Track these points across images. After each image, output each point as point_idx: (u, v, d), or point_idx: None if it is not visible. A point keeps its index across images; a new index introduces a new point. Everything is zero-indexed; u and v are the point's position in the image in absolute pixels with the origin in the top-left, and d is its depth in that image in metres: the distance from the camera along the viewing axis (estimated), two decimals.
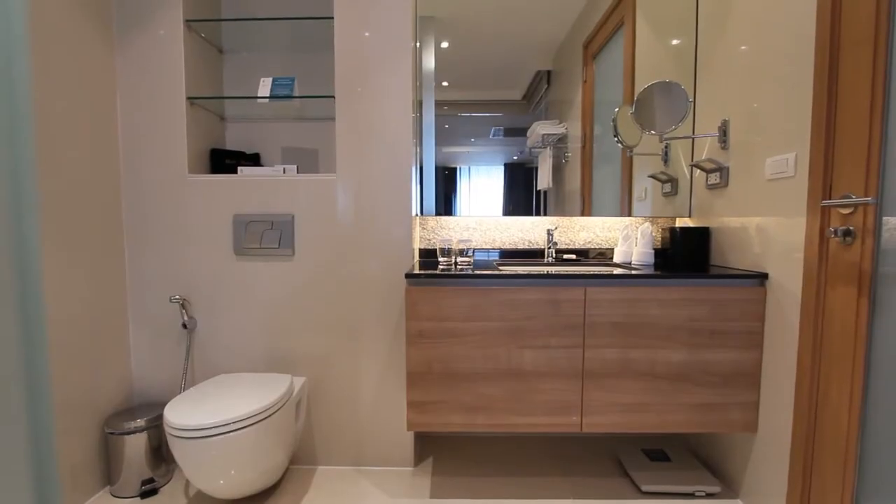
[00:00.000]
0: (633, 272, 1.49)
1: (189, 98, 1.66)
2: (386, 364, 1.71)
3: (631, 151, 1.85)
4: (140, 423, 1.55)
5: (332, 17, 1.62)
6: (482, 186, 1.94)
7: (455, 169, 1.94)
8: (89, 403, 1.53)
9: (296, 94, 1.69)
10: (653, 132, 1.60)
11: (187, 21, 1.64)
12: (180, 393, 1.61)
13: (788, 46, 1.30)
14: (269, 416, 1.38)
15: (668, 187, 1.86)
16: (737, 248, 1.55)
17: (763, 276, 1.40)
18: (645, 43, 1.83)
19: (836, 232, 1.14)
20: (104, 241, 1.60)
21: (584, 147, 1.89)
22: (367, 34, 1.63)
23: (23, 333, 0.20)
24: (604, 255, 1.94)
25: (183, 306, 1.70)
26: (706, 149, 1.72)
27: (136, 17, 1.63)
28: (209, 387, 1.51)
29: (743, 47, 1.50)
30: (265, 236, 1.67)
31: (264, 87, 1.66)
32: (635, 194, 1.88)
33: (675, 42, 1.82)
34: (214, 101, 1.78)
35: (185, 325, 1.68)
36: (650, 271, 1.52)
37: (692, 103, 1.75)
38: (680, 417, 1.43)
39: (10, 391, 0.19)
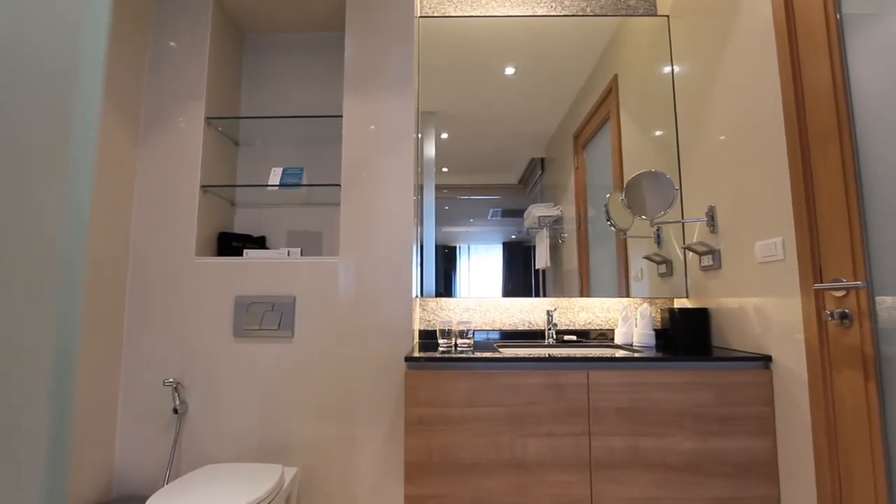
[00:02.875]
0: (636, 354, 1.47)
1: (203, 186, 1.75)
2: (383, 452, 1.63)
3: (624, 234, 1.92)
4: None
5: (342, 116, 1.77)
6: (481, 264, 1.98)
7: (455, 247, 2.00)
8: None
9: (304, 182, 1.79)
10: (643, 217, 1.68)
11: (208, 118, 1.79)
12: (164, 485, 1.51)
13: (762, 138, 1.40)
14: None
15: (663, 268, 1.90)
16: (737, 330, 1.55)
17: (767, 359, 1.38)
18: (630, 134, 1.97)
19: (832, 315, 1.15)
20: (104, 321, 1.60)
21: (579, 228, 1.96)
22: (372, 127, 1.77)
23: (53, 423, 0.21)
24: (605, 336, 1.93)
25: (176, 390, 1.65)
26: (696, 232, 1.78)
27: (162, 114, 1.78)
28: (194, 479, 1.42)
29: (722, 137, 1.62)
30: (265, 318, 1.67)
31: (275, 176, 1.77)
32: (632, 274, 1.91)
33: (657, 133, 1.97)
34: (227, 188, 1.88)
35: (175, 410, 1.63)
36: (652, 353, 1.51)
37: (678, 190, 1.84)
38: None
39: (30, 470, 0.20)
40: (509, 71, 2.04)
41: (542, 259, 1.96)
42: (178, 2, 1.83)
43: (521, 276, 1.98)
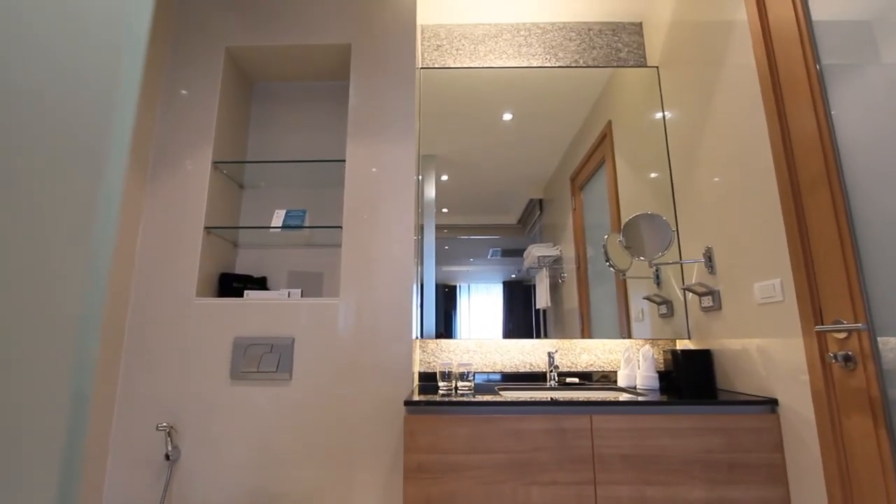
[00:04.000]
0: (640, 398, 1.45)
1: (207, 227, 1.78)
2: (382, 500, 1.57)
3: (623, 275, 1.93)
4: None
5: (344, 160, 1.82)
6: (482, 303, 1.98)
7: (455, 287, 2.00)
8: None
9: (306, 224, 1.82)
10: (642, 258, 1.69)
11: (215, 162, 1.84)
12: None
13: (755, 182, 1.44)
14: None
15: (663, 309, 1.89)
16: (742, 372, 1.53)
17: (773, 402, 1.35)
18: (625, 177, 2.02)
19: (836, 357, 1.14)
20: (102, 364, 1.58)
21: (578, 268, 1.97)
22: (374, 170, 1.82)
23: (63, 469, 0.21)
24: (607, 378, 1.89)
25: (169, 434, 1.61)
26: (695, 273, 1.79)
27: (170, 158, 1.83)
28: None
29: (716, 179, 1.65)
30: (263, 360, 1.65)
31: (277, 218, 1.80)
32: (633, 315, 1.91)
33: (652, 175, 2.02)
34: (230, 230, 1.91)
35: (167, 456, 1.58)
36: (656, 396, 1.48)
37: (675, 232, 1.87)
38: None
39: None
40: (507, 117, 2.12)
41: (542, 299, 1.96)
42: (191, 52, 1.93)
43: (521, 316, 1.97)
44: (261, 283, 1.94)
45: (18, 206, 0.19)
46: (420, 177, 2.04)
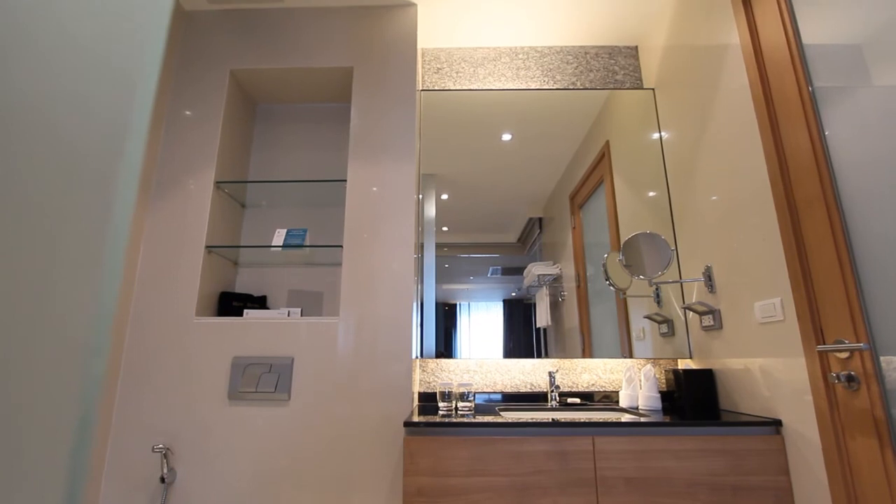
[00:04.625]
0: (642, 419, 1.43)
1: (208, 247, 1.79)
2: None
3: (623, 294, 1.93)
4: None
5: (345, 180, 1.84)
6: (482, 322, 1.97)
7: (455, 305, 1.99)
8: None
9: (307, 243, 1.82)
10: (641, 277, 1.69)
11: (217, 182, 1.86)
12: None
13: (752, 202, 1.45)
14: None
15: (664, 328, 1.89)
16: (745, 392, 1.51)
17: (777, 423, 1.34)
18: (624, 196, 2.04)
19: (839, 378, 1.13)
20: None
21: (578, 286, 1.97)
22: (374, 189, 1.83)
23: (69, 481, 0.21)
24: (609, 398, 1.87)
25: (165, 456, 1.58)
26: (695, 292, 1.79)
27: (172, 177, 1.85)
28: None
29: (714, 197, 1.67)
30: (262, 380, 1.64)
31: (278, 238, 1.80)
32: (633, 334, 1.90)
33: (651, 194, 2.03)
34: (231, 248, 1.92)
35: (163, 479, 1.55)
36: (659, 417, 1.46)
37: (674, 251, 1.88)
38: None
39: None
40: (506, 137, 2.15)
41: (542, 317, 1.96)
42: (196, 74, 1.97)
43: (521, 335, 1.96)
44: (261, 303, 1.94)
45: (31, 235, 0.20)
46: (420, 196, 2.06)
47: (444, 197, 2.09)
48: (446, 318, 1.97)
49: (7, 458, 0.17)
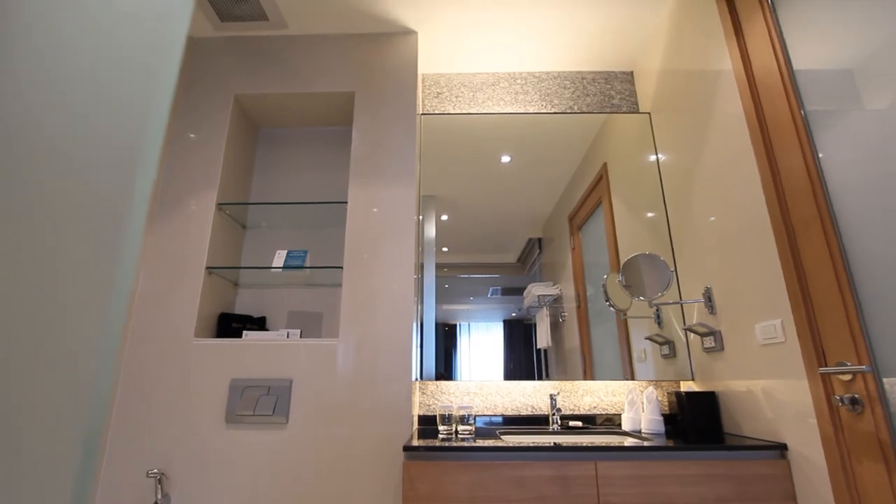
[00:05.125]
0: (645, 443, 1.41)
1: (208, 268, 1.79)
2: None
3: (624, 315, 1.92)
4: None
5: (346, 202, 1.86)
6: (482, 342, 1.96)
7: (455, 325, 1.99)
8: None
9: (307, 264, 1.83)
10: (641, 298, 1.69)
11: (219, 204, 1.88)
12: None
13: (749, 223, 1.46)
14: None
15: (665, 349, 1.87)
16: (748, 415, 1.49)
17: (782, 447, 1.32)
18: (622, 217, 2.06)
19: (842, 401, 1.12)
20: None
21: (579, 307, 1.97)
22: (375, 210, 1.85)
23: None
24: (611, 422, 1.85)
25: (160, 481, 1.55)
26: (695, 313, 1.79)
27: (175, 199, 1.87)
28: None
29: (712, 218, 1.68)
30: (260, 402, 1.62)
31: (279, 259, 1.81)
32: (635, 355, 1.88)
33: (649, 215, 2.05)
34: (231, 270, 1.92)
35: None
36: (662, 441, 1.44)
37: (674, 272, 1.88)
38: None
39: None
40: (505, 159, 2.18)
41: (543, 338, 1.95)
42: (201, 98, 2.01)
43: (522, 356, 1.94)
44: (260, 324, 1.93)
45: (43, 264, 0.20)
46: (420, 217, 2.07)
47: (444, 218, 2.11)
48: (446, 338, 1.96)
49: (11, 475, 0.18)
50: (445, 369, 1.93)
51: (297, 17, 2.03)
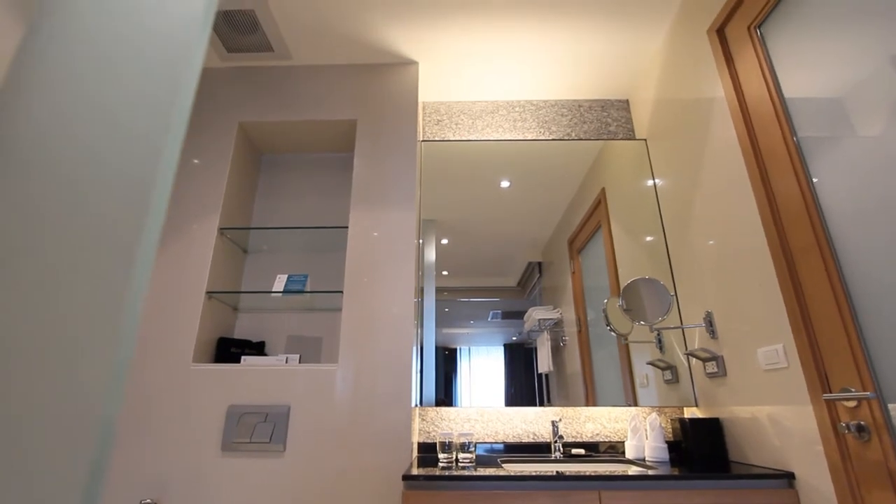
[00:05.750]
0: (650, 472, 1.38)
1: (208, 292, 1.79)
2: None
3: (625, 339, 1.91)
4: None
5: (347, 227, 1.88)
6: (482, 366, 1.94)
7: (455, 349, 1.97)
8: None
9: (307, 289, 1.83)
10: (642, 323, 1.69)
11: (221, 229, 1.89)
12: None
13: (748, 247, 1.47)
14: None
15: (668, 374, 1.86)
16: (754, 442, 1.47)
17: (790, 476, 1.29)
18: (621, 241, 2.07)
19: (849, 428, 1.10)
20: None
21: (580, 331, 1.95)
22: (375, 234, 1.86)
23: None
24: (614, 449, 1.81)
25: None
26: (697, 338, 1.78)
27: (177, 224, 1.88)
28: None
29: (710, 242, 1.69)
30: (257, 430, 1.59)
31: (279, 283, 1.81)
32: (637, 381, 1.86)
33: (648, 239, 2.06)
34: (231, 294, 1.92)
35: None
36: (667, 469, 1.41)
37: (674, 296, 1.88)
38: None
39: None
40: (504, 184, 2.21)
41: (544, 363, 1.93)
42: (206, 125, 2.05)
43: (523, 381, 1.92)
44: (259, 348, 1.92)
45: (48, 304, 0.21)
46: (421, 240, 2.09)
47: (444, 241, 2.12)
48: (446, 363, 1.95)
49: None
50: (446, 395, 1.90)
51: (302, 48, 2.10)
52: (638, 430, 1.71)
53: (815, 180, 1.25)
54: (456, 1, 1.88)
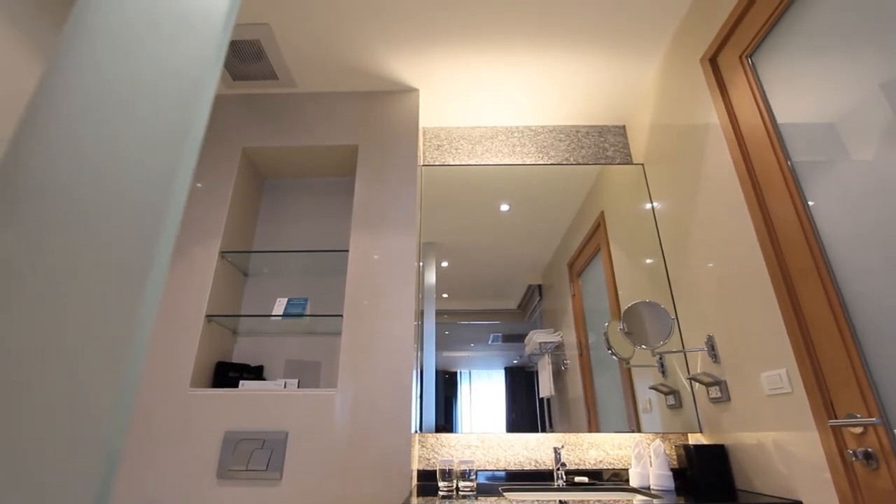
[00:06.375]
0: (655, 501, 1.35)
1: (208, 316, 1.79)
2: None
3: (627, 363, 1.90)
4: None
5: (348, 250, 1.89)
6: (483, 390, 1.92)
7: (455, 373, 1.95)
8: None
9: (307, 312, 1.83)
10: (644, 347, 1.68)
11: (222, 252, 1.90)
12: None
13: (747, 271, 1.48)
14: None
15: (671, 399, 1.83)
16: (760, 469, 1.44)
17: None
18: (621, 264, 2.07)
19: (856, 455, 1.08)
20: None
21: (581, 354, 1.94)
22: (376, 257, 1.87)
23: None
24: (618, 477, 1.77)
25: None
26: (699, 362, 1.76)
27: (178, 248, 1.89)
28: None
29: (710, 264, 1.69)
30: (254, 457, 1.56)
31: (279, 307, 1.81)
32: (640, 406, 1.84)
33: (648, 261, 2.07)
34: (230, 318, 1.91)
35: None
36: (672, 498, 1.38)
37: (675, 320, 1.87)
38: None
39: None
40: (504, 207, 2.23)
41: (545, 387, 1.91)
42: (210, 150, 2.09)
43: (524, 405, 1.89)
44: (257, 373, 1.90)
45: (57, 332, 0.21)
46: (421, 263, 2.09)
47: (445, 264, 2.12)
48: (446, 387, 1.92)
49: None
50: (446, 420, 1.87)
51: (306, 76, 2.16)
52: (642, 458, 1.68)
53: (810, 203, 1.27)
54: (456, 32, 1.94)
